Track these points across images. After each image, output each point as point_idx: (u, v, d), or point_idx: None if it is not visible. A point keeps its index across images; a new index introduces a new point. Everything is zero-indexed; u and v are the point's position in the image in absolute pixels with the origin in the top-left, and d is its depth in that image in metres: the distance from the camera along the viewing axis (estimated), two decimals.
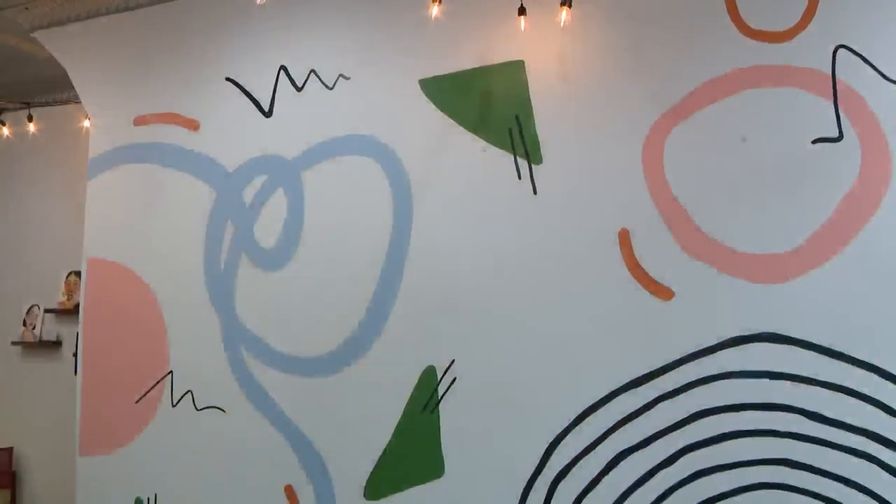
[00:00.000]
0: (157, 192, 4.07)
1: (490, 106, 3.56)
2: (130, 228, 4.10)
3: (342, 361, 3.65)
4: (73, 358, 4.65)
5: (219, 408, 3.84)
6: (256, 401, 3.76)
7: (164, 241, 4.03)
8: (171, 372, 3.95)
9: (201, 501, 3.83)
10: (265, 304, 3.81)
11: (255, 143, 3.91)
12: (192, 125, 4.04)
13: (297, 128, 3.85)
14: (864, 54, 3.17)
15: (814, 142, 3.22)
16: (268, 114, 3.90)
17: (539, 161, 3.49)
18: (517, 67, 3.54)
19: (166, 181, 4.06)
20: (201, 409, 3.87)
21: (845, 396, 3.10)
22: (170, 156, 4.06)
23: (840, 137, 3.19)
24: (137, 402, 4.00)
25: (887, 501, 3.02)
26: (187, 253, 3.97)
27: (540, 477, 3.35)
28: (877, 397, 3.06)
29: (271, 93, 3.91)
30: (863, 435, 3.06)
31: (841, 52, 3.19)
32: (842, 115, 3.20)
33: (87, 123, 4.37)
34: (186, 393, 3.91)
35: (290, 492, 3.68)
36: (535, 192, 3.48)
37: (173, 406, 3.93)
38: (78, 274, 4.93)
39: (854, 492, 3.05)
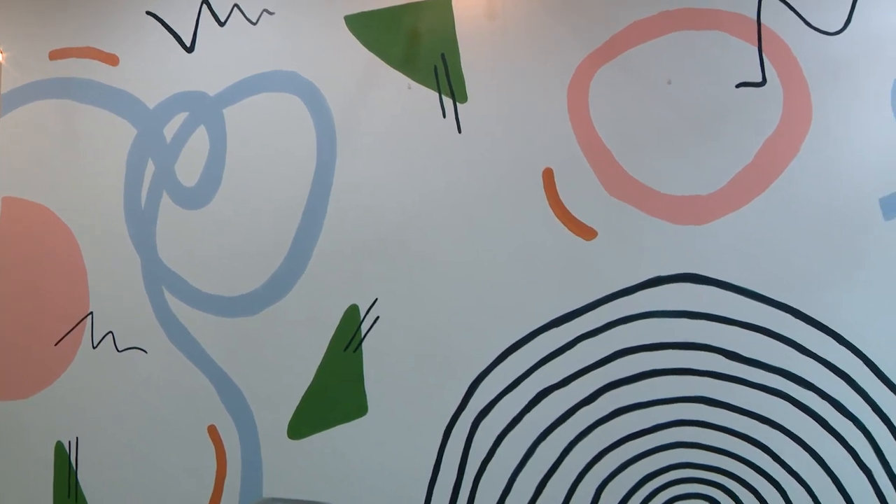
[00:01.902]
0: (75, 129, 3.95)
1: (415, 43, 3.52)
2: (47, 166, 3.98)
3: (265, 301, 3.61)
4: None
5: (140, 349, 3.78)
6: (178, 341, 3.71)
7: (82, 180, 3.92)
8: (90, 313, 3.87)
9: (124, 443, 3.78)
10: (187, 244, 3.73)
11: (176, 78, 3.80)
12: (111, 60, 3.91)
13: (220, 63, 3.75)
14: (788, 0, 3.20)
15: (738, 86, 3.26)
16: (189, 49, 3.80)
17: (464, 99, 3.47)
18: (443, 5, 3.50)
19: (84, 118, 3.93)
20: (122, 351, 3.80)
21: (762, 336, 3.17)
22: (88, 91, 3.93)
23: (763, 82, 3.23)
24: (56, 344, 3.91)
25: (799, 438, 3.11)
26: (107, 192, 3.86)
27: (462, 415, 3.38)
28: (791, 337, 3.15)
29: (193, 27, 3.80)
30: (777, 374, 3.15)
31: None
32: (766, 60, 3.24)
33: None
34: (107, 334, 3.83)
35: (213, 432, 3.65)
36: (459, 131, 3.46)
37: (94, 347, 3.85)
38: None
39: (768, 428, 3.14)
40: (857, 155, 3.15)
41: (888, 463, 3.05)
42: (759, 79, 3.24)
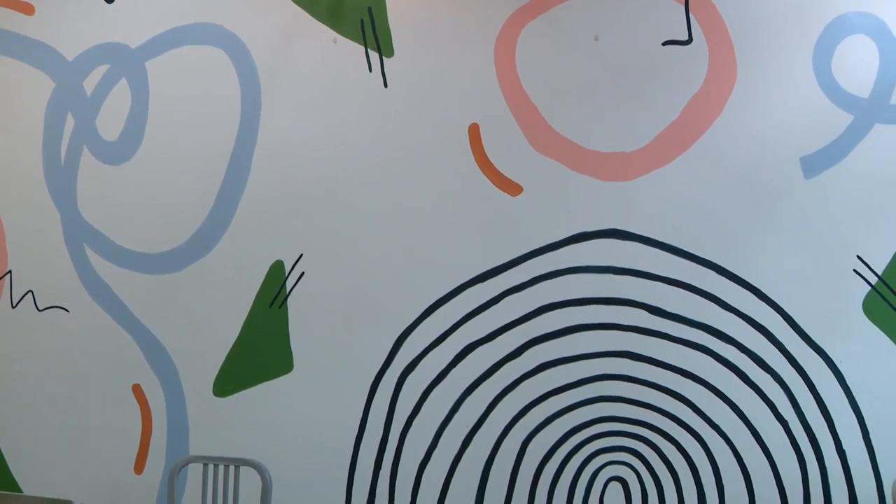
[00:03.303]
0: None
1: None
2: None
3: (189, 257, 3.56)
4: None
5: (62, 307, 3.70)
6: (101, 299, 3.64)
7: None
8: (9, 272, 3.77)
9: (46, 405, 3.70)
10: (109, 200, 3.66)
11: (95, 30, 3.70)
12: (27, 9, 3.78)
13: (142, 15, 3.66)
14: None
15: (664, 44, 3.28)
16: None
17: (390, 54, 3.44)
18: None
19: None
20: (43, 310, 3.72)
21: (684, 291, 3.22)
22: (2, 42, 3.80)
23: (689, 40, 3.26)
24: None
25: (719, 390, 3.18)
26: (24, 146, 3.75)
27: (388, 370, 3.38)
28: (713, 293, 3.21)
29: None
30: (699, 328, 3.21)
31: None
32: (692, 18, 3.27)
33: None
34: (27, 293, 3.75)
35: (138, 391, 3.60)
36: (385, 85, 3.44)
37: (13, 307, 3.76)
38: None
39: (690, 382, 3.21)
40: (780, 114, 3.21)
41: (803, 414, 3.13)
42: (685, 37, 3.26)
